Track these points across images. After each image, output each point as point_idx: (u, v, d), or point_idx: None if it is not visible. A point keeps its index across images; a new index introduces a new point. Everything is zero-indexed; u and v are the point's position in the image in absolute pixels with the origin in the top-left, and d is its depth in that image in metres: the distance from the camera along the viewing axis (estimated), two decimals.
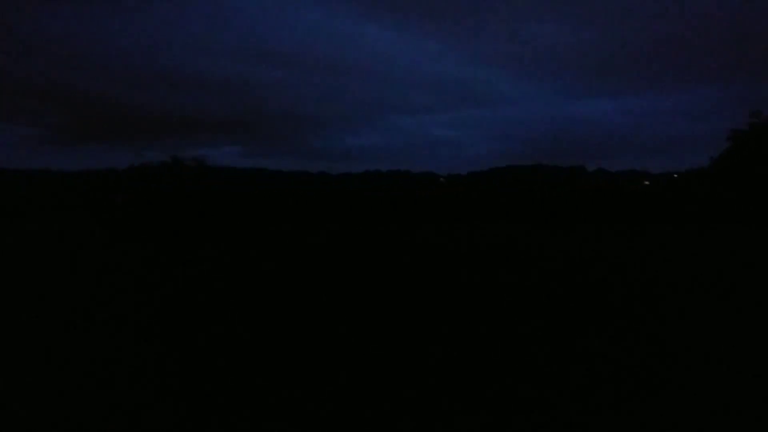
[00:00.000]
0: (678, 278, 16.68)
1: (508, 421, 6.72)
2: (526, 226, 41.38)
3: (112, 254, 22.66)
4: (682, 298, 13.73)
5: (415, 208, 62.87)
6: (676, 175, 75.60)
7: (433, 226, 41.72)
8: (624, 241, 29.15)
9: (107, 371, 8.27)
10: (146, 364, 8.59)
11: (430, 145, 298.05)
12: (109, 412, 6.83)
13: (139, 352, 9.15)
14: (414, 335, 10.13)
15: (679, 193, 50.69)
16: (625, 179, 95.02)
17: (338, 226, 40.19)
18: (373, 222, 48.07)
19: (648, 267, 19.25)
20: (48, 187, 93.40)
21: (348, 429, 6.45)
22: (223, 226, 22.34)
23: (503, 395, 7.41)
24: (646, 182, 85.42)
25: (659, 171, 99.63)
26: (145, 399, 7.20)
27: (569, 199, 54.28)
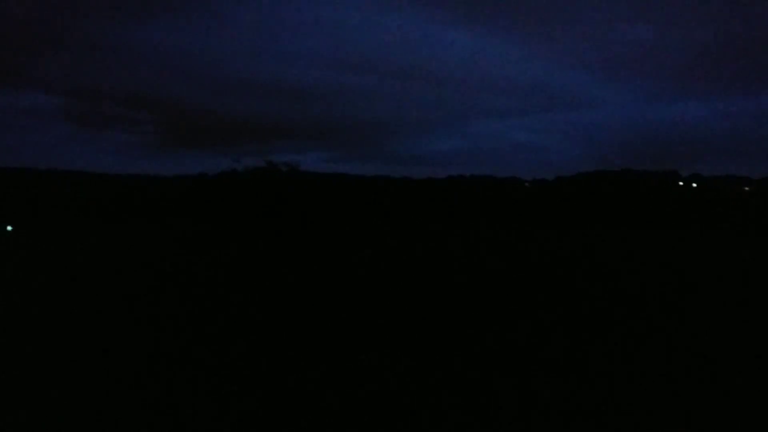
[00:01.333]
0: None
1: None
2: (618, 231, 40.15)
3: (209, 257, 23.73)
4: None
5: (499, 213, 62.17)
6: None
7: (518, 231, 41.18)
8: (721, 247, 27.80)
9: (207, 370, 8.82)
10: (237, 361, 9.10)
11: (513, 150, 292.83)
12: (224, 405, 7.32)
13: (229, 350, 9.67)
14: (500, 334, 10.21)
15: None
16: (723, 184, 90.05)
17: (419, 230, 40.38)
18: (457, 226, 47.91)
19: (750, 273, 18.36)
20: (145, 192, 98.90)
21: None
22: (315, 230, 23.03)
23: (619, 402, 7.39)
24: (746, 188, 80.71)
25: (760, 176, 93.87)
26: (250, 390, 7.67)
27: (664, 204, 52.17)
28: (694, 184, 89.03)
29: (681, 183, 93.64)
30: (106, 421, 6.87)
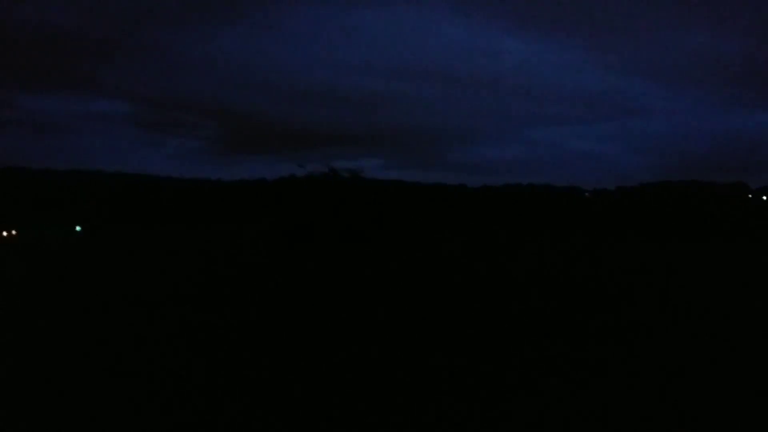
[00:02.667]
0: None
1: None
2: (683, 243, 38.89)
3: (271, 262, 24.19)
4: None
5: (558, 222, 61.06)
6: None
7: (577, 241, 40.41)
8: None
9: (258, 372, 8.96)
10: (289, 363, 9.22)
11: (571, 159, 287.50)
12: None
13: (284, 353, 9.84)
14: (553, 345, 10.06)
15: None
16: None
17: (475, 238, 40.11)
18: (513, 234, 47.36)
19: None
20: (206, 196, 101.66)
21: None
22: (377, 236, 23.33)
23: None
24: None
25: None
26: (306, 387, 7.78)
27: (731, 216, 50.26)
28: (765, 197, 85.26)
29: (750, 195, 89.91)
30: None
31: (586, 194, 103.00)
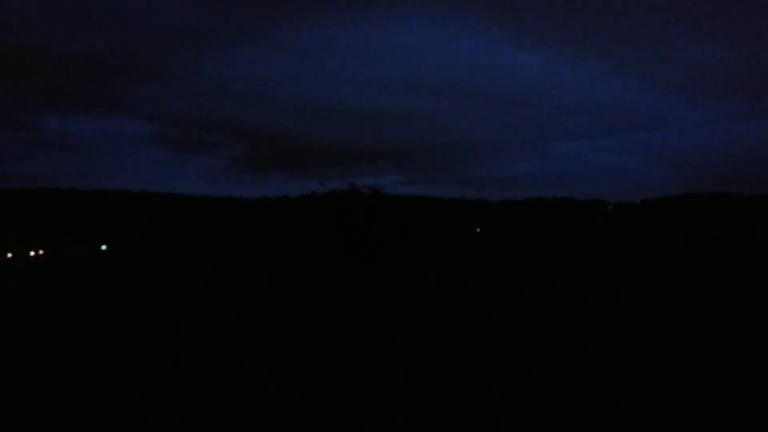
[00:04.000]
0: None
1: None
2: (711, 251, 38.29)
3: (297, 276, 24.29)
4: None
5: (582, 235, 60.55)
6: None
7: (602, 253, 40.00)
8: None
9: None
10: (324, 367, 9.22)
11: (594, 172, 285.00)
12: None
13: (312, 358, 9.84)
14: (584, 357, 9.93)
15: None
16: None
17: (495, 251, 39.88)
18: (536, 248, 47.04)
19: None
20: (230, 214, 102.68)
21: None
22: (396, 251, 23.36)
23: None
24: None
25: None
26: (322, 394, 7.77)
27: (760, 227, 49.33)
28: None
29: None
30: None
31: (610, 207, 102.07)
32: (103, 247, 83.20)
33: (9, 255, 63.85)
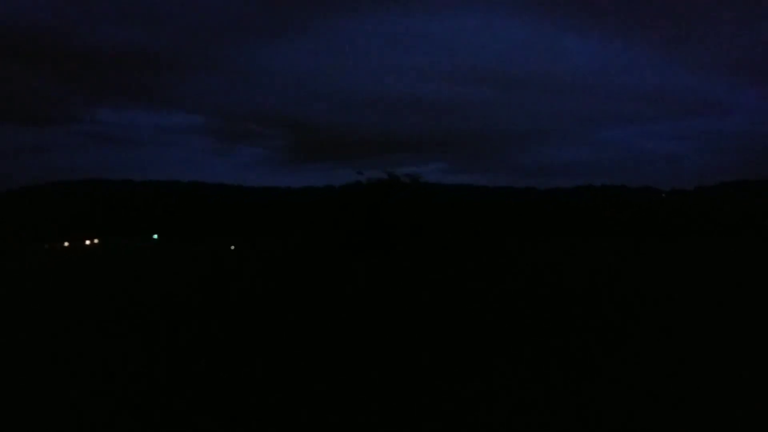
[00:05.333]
0: None
1: None
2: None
3: (337, 265, 24.26)
4: None
5: (633, 223, 58.87)
6: None
7: (656, 242, 38.81)
8: None
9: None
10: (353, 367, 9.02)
11: (644, 159, 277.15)
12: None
13: (348, 357, 9.64)
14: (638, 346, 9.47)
15: None
16: None
17: (543, 239, 39.08)
18: (584, 236, 45.96)
19: None
20: (277, 203, 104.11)
21: None
22: (434, 240, 23.03)
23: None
24: None
25: None
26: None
27: None
28: None
29: None
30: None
31: (663, 195, 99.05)
32: (155, 237, 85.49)
33: (66, 244, 66.20)
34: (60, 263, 36.99)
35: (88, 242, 69.25)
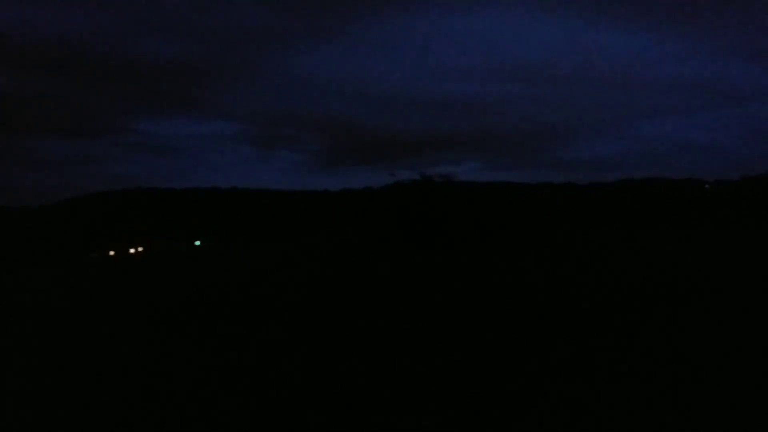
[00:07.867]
0: None
1: None
2: None
3: (375, 264, 24.47)
4: None
5: (676, 216, 57.61)
6: None
7: (701, 234, 37.90)
8: None
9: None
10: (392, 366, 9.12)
11: (686, 150, 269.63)
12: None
13: (383, 356, 9.74)
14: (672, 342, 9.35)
15: None
16: None
17: (585, 235, 38.52)
18: (627, 230, 45.11)
19: None
20: (313, 206, 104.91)
21: None
22: (468, 238, 23.02)
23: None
24: None
25: None
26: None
27: None
28: None
29: None
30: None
31: (707, 186, 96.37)
32: (197, 243, 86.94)
33: (111, 253, 67.92)
34: (109, 271, 37.96)
35: (132, 250, 70.86)
